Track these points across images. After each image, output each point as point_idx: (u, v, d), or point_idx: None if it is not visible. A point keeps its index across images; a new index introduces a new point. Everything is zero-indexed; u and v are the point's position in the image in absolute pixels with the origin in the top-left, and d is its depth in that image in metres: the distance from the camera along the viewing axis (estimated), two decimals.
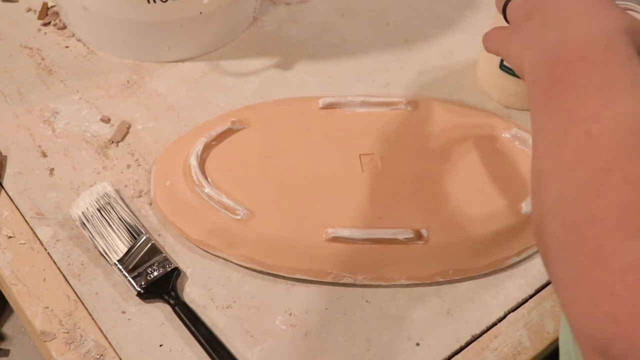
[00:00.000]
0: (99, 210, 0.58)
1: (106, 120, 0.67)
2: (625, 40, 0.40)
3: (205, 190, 0.58)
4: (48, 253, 0.58)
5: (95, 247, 0.57)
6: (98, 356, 0.52)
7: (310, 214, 0.57)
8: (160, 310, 0.55)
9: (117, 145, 0.65)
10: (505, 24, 0.53)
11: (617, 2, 0.55)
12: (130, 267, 0.56)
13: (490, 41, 0.53)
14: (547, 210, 0.35)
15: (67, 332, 0.53)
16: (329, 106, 0.65)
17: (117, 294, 0.56)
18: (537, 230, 0.36)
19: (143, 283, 0.55)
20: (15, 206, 0.60)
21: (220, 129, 0.62)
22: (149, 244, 0.57)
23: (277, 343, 0.54)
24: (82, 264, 0.57)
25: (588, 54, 0.39)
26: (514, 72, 0.67)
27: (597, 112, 0.36)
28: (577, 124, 0.36)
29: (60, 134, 0.65)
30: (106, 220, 0.58)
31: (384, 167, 0.61)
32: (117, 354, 0.53)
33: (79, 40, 0.74)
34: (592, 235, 0.31)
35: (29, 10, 0.76)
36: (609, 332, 0.29)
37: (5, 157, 0.63)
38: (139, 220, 0.59)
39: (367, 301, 0.57)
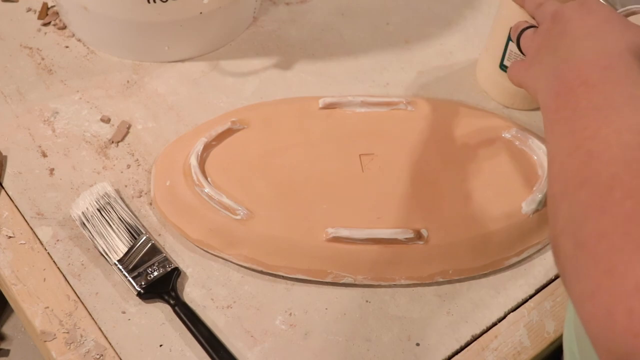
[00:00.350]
0: (99, 210, 0.58)
1: (106, 120, 0.67)
2: (626, 58, 0.42)
3: (205, 190, 0.58)
4: (48, 253, 0.58)
5: (95, 247, 0.57)
6: (98, 356, 0.52)
7: (310, 214, 0.57)
8: (160, 310, 0.55)
9: (117, 145, 0.65)
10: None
11: (621, 10, 0.55)
12: (130, 267, 0.56)
13: (511, 74, 0.55)
14: (560, 232, 0.36)
15: (67, 332, 0.53)
16: (329, 106, 0.65)
17: (117, 294, 0.56)
18: (554, 250, 0.37)
19: (143, 283, 0.55)
20: (15, 206, 0.60)
21: (220, 129, 0.62)
22: (149, 244, 0.57)
23: (277, 343, 0.54)
24: (82, 264, 0.57)
25: (587, 77, 0.41)
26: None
27: (596, 130, 0.37)
28: (580, 144, 0.37)
29: (60, 134, 0.65)
30: (106, 220, 0.58)
31: (384, 167, 0.61)
32: (117, 354, 0.53)
33: (79, 40, 0.74)
34: (602, 252, 0.32)
35: (29, 10, 0.76)
36: (629, 346, 0.29)
37: (5, 157, 0.63)
38: (139, 220, 0.59)
39: (367, 301, 0.57)
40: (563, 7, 0.49)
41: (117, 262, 0.56)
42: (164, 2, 0.66)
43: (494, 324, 0.56)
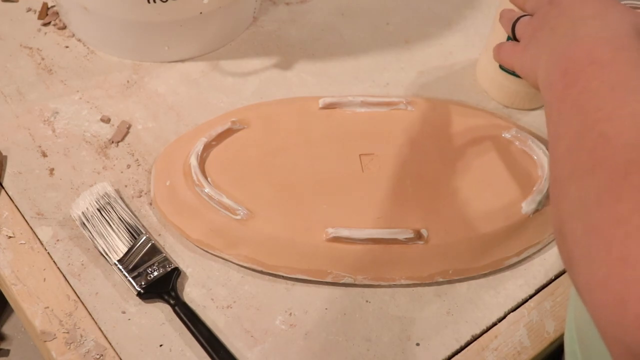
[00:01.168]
0: (99, 210, 0.58)
1: (106, 120, 0.67)
2: (634, 38, 0.40)
3: (205, 190, 0.58)
4: (48, 253, 0.58)
5: (95, 247, 0.57)
6: (98, 356, 0.52)
7: (310, 214, 0.57)
8: (160, 310, 0.55)
9: (117, 145, 0.65)
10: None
11: (623, 1, 0.55)
12: (130, 267, 0.56)
13: (502, 56, 0.54)
14: (568, 215, 0.35)
15: (67, 332, 0.53)
16: (329, 106, 0.65)
17: (117, 294, 0.56)
18: (558, 235, 0.36)
19: (143, 283, 0.55)
20: (15, 206, 0.60)
21: (220, 129, 0.62)
22: (149, 244, 0.57)
23: (277, 343, 0.54)
24: (82, 264, 0.57)
25: (598, 56, 0.40)
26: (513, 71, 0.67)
27: (611, 112, 0.36)
28: (592, 126, 0.36)
29: (60, 134, 0.65)
30: (106, 220, 0.58)
31: (384, 167, 0.61)
32: (117, 354, 0.53)
33: (79, 40, 0.74)
34: (617, 238, 0.31)
35: (29, 10, 0.76)
36: (637, 336, 0.28)
37: (5, 157, 0.63)
38: (139, 220, 0.59)
39: (367, 301, 0.57)
40: None
41: (117, 262, 0.56)
42: (164, 2, 0.66)
43: (494, 324, 0.56)
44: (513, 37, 0.54)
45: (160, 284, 0.55)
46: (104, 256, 0.57)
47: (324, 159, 0.61)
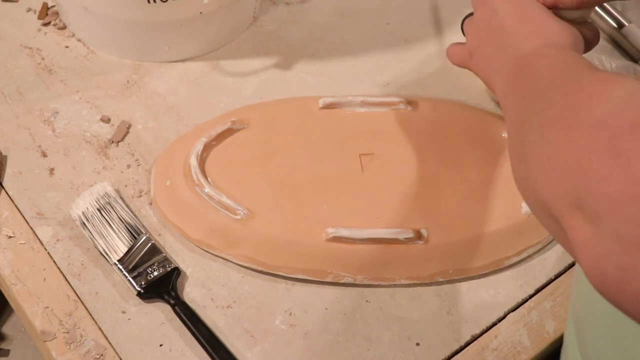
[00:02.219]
0: (99, 210, 0.58)
1: (106, 120, 0.67)
2: (572, 53, 0.46)
3: (205, 190, 0.58)
4: (48, 253, 0.58)
5: (95, 247, 0.57)
6: (98, 356, 0.52)
7: (310, 214, 0.57)
8: (160, 310, 0.55)
9: (117, 145, 0.65)
10: None
11: None
12: (130, 267, 0.56)
13: (454, 60, 0.62)
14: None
15: (67, 332, 0.54)
16: (329, 106, 0.65)
17: (117, 294, 0.56)
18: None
19: (143, 283, 0.55)
20: (15, 206, 0.60)
21: (220, 129, 0.62)
22: (149, 244, 0.57)
23: (277, 343, 0.54)
24: (82, 264, 0.57)
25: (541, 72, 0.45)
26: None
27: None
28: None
29: (60, 134, 0.65)
30: (106, 220, 0.58)
31: (384, 167, 0.61)
32: (117, 353, 0.53)
33: (79, 40, 0.74)
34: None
35: (29, 10, 0.76)
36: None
37: (5, 157, 0.63)
38: (139, 220, 0.59)
39: (367, 301, 0.57)
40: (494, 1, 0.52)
41: (117, 262, 0.56)
42: (164, 2, 0.66)
43: (494, 324, 0.56)
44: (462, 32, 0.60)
45: (160, 284, 0.55)
46: (104, 256, 0.57)
47: (323, 159, 0.61)
